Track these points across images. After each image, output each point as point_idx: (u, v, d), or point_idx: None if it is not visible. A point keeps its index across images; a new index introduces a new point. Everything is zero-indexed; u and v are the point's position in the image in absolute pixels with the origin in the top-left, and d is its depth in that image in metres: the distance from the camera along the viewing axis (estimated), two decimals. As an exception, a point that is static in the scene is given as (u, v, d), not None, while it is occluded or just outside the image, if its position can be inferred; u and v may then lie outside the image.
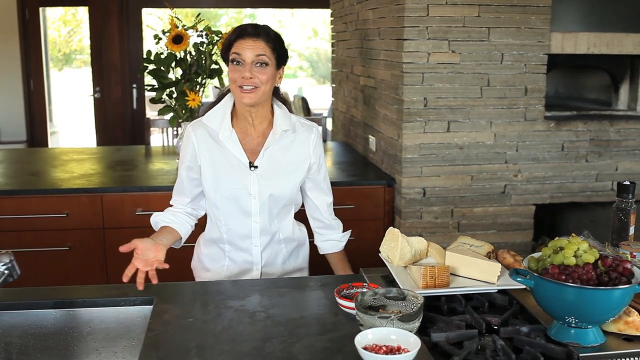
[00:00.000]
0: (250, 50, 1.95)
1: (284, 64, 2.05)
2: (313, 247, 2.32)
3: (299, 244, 2.24)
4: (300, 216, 2.27)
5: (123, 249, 1.85)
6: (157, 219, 2.11)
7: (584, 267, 1.45)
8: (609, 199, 3.29)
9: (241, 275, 2.16)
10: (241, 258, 2.15)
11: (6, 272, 1.45)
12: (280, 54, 2.01)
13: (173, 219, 2.10)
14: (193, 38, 3.43)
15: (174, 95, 3.45)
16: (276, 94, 2.12)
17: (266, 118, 2.08)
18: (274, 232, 2.14)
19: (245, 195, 2.05)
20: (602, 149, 3.29)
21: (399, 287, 1.65)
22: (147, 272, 1.84)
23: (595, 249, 1.51)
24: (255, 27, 1.99)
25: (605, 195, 3.33)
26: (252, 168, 2.05)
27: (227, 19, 13.41)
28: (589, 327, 1.46)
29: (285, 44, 2.05)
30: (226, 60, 2.02)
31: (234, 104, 2.07)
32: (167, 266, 1.88)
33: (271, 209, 2.09)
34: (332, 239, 2.26)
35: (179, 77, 3.46)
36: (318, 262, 2.37)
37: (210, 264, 2.20)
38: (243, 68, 1.95)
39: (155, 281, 1.84)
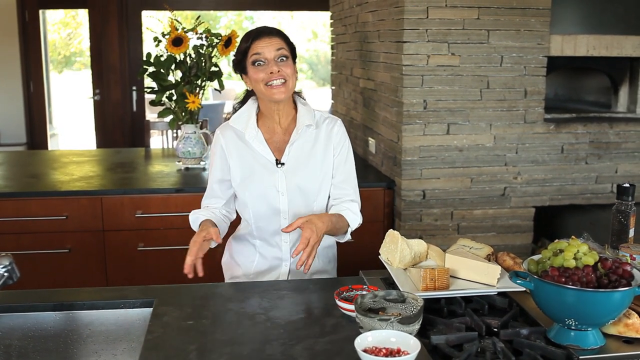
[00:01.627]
0: (269, 47, 2.00)
1: (296, 58, 2.11)
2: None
3: (328, 245, 2.24)
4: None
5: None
6: (197, 215, 2.10)
7: (583, 270, 1.45)
8: (609, 201, 3.29)
9: (270, 271, 2.16)
10: (271, 254, 2.15)
11: (6, 274, 1.45)
12: (292, 48, 2.08)
13: (213, 215, 2.10)
14: (193, 40, 3.43)
15: (174, 98, 3.46)
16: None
17: (290, 114, 2.12)
18: None
19: (273, 192, 2.06)
20: (602, 151, 3.29)
21: (399, 290, 1.65)
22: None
23: (595, 252, 1.51)
24: (264, 27, 2.06)
25: (605, 198, 3.33)
26: (279, 165, 2.08)
27: (226, 21, 13.41)
28: (588, 329, 1.46)
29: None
30: (244, 69, 2.05)
31: (258, 106, 2.12)
32: (219, 241, 1.92)
33: (301, 205, 2.09)
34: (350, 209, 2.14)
35: (179, 80, 3.46)
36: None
37: (241, 259, 2.21)
38: (267, 66, 1.99)
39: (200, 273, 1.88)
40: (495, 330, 1.56)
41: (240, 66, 2.07)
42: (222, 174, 2.12)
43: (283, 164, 2.08)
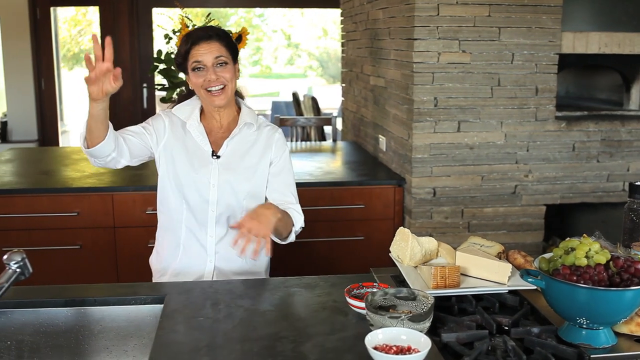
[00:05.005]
0: (208, 54, 2.04)
1: (237, 58, 2.14)
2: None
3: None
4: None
5: None
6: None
7: (595, 268, 1.44)
8: (621, 199, 3.27)
9: (195, 268, 2.14)
10: (195, 248, 2.14)
11: (18, 270, 1.45)
12: (233, 50, 2.11)
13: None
14: (203, 38, 3.43)
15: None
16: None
17: (231, 115, 2.17)
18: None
19: (205, 183, 2.10)
20: (614, 149, 3.28)
21: (409, 287, 1.65)
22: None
23: (607, 250, 1.50)
24: (204, 30, 2.09)
25: (616, 196, 3.31)
26: (215, 157, 2.11)
27: (237, 19, 13.43)
28: (600, 328, 1.46)
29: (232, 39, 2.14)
30: (185, 70, 2.11)
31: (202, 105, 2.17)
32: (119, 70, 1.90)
33: (230, 201, 2.11)
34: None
35: (189, 77, 3.46)
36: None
37: (164, 253, 2.20)
38: (206, 72, 2.04)
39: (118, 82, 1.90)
40: (506, 328, 1.56)
41: (181, 67, 2.12)
42: (145, 134, 2.13)
43: (219, 156, 2.11)
